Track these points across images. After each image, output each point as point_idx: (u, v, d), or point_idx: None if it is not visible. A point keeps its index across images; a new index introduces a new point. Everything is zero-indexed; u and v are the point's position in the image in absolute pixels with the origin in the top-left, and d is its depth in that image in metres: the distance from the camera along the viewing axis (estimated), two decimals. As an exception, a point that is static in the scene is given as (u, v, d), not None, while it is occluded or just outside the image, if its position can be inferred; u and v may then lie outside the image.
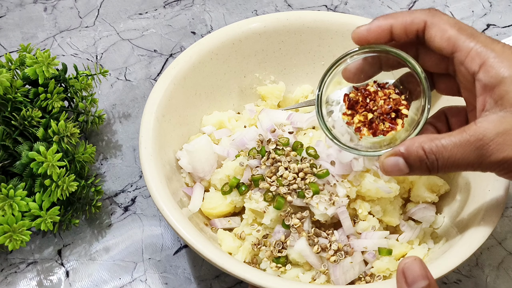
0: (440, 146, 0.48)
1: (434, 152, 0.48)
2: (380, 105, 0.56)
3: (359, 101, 0.57)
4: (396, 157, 0.50)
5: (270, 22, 0.73)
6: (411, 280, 0.48)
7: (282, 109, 0.74)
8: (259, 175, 0.62)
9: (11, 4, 0.95)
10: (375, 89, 0.57)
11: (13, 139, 0.67)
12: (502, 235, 0.71)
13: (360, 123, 0.56)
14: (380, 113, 0.56)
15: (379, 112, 0.56)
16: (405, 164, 0.50)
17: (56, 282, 0.67)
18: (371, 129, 0.56)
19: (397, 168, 0.50)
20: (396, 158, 0.50)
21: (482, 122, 0.48)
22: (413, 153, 0.49)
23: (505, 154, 0.47)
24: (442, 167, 0.49)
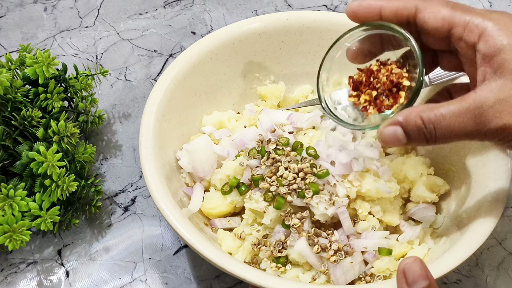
0: (439, 115, 0.48)
1: (433, 121, 0.48)
2: (383, 81, 0.55)
3: (363, 81, 0.57)
4: (394, 127, 0.49)
5: (270, 22, 0.73)
6: (412, 280, 0.48)
7: (282, 109, 0.74)
8: (259, 175, 0.62)
9: (11, 4, 0.95)
10: (378, 67, 0.57)
11: (13, 139, 0.67)
12: (502, 235, 0.71)
13: (366, 102, 0.56)
14: (383, 90, 0.55)
15: (382, 89, 0.55)
16: (403, 133, 0.49)
17: (56, 282, 0.67)
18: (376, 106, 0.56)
19: (395, 138, 0.50)
20: (395, 128, 0.49)
21: (482, 90, 0.47)
22: (411, 122, 0.48)
23: (505, 121, 0.46)
24: (440, 137, 0.48)
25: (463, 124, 0.47)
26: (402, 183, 0.66)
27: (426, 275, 0.48)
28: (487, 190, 0.60)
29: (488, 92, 0.47)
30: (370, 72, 0.57)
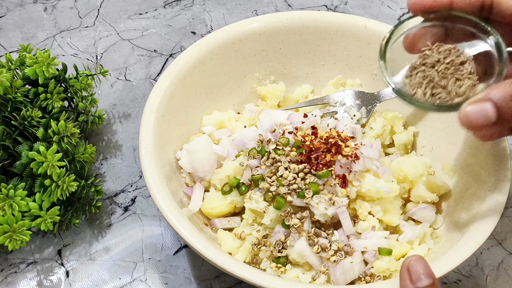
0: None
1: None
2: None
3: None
4: (482, 103, 0.43)
5: (270, 22, 0.73)
6: (416, 278, 0.48)
7: (282, 109, 0.74)
8: (259, 175, 0.62)
9: (11, 4, 0.95)
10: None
11: (13, 139, 0.67)
12: (502, 235, 0.71)
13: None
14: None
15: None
16: (493, 109, 0.43)
17: (56, 282, 0.67)
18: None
19: (483, 116, 0.43)
20: (483, 104, 0.43)
21: None
22: (503, 93, 0.42)
23: None
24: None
25: None
26: (402, 183, 0.66)
27: (430, 274, 0.48)
28: (487, 190, 0.60)
29: None
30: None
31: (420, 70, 0.52)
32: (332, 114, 0.73)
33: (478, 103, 0.44)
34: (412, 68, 0.52)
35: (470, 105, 0.44)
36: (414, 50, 0.52)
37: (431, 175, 0.67)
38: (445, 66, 0.51)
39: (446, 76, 0.51)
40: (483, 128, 0.44)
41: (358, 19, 0.73)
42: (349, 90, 0.73)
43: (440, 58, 0.51)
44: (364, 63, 0.74)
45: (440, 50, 0.52)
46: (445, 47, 0.52)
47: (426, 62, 0.52)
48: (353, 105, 0.73)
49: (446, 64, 0.51)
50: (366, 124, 0.73)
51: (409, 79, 0.52)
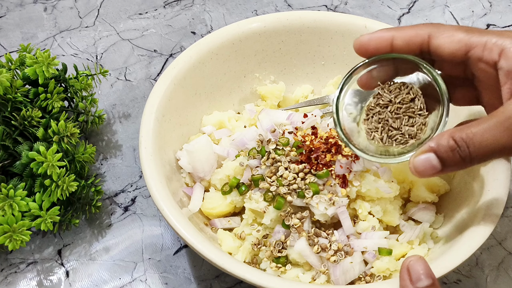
0: (470, 133, 0.46)
1: (465, 140, 0.47)
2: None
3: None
4: (427, 154, 0.48)
5: (270, 22, 0.73)
6: (416, 278, 0.48)
7: (282, 109, 0.74)
8: (259, 175, 0.62)
9: (11, 4, 0.95)
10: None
11: (13, 139, 0.67)
12: (502, 235, 0.71)
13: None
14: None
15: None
16: (437, 159, 0.48)
17: (56, 282, 0.67)
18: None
19: (429, 165, 0.48)
20: (427, 155, 0.48)
21: (510, 104, 0.46)
22: (443, 144, 0.47)
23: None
24: (475, 155, 0.47)
25: (496, 138, 0.46)
26: (402, 183, 0.66)
27: (430, 274, 0.48)
28: (487, 190, 0.60)
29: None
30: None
31: (376, 112, 0.56)
32: (332, 114, 0.73)
33: (423, 154, 0.49)
34: (368, 109, 0.57)
35: (417, 157, 0.49)
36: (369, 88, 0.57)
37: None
38: (397, 106, 0.55)
39: (399, 116, 0.55)
40: (432, 175, 0.49)
41: (358, 19, 0.73)
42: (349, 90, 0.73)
43: (391, 97, 0.55)
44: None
45: (390, 88, 0.56)
46: (395, 85, 0.56)
47: (380, 103, 0.56)
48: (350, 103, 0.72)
49: (398, 103, 0.55)
50: (366, 124, 0.73)
51: (366, 123, 0.57)
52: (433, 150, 0.48)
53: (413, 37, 0.51)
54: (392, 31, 0.53)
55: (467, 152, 0.47)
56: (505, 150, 0.47)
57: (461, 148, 0.47)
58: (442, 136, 0.48)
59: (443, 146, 0.48)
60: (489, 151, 0.47)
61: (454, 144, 0.47)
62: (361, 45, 0.54)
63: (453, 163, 0.48)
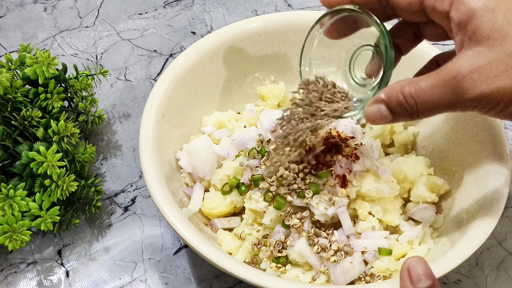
0: (419, 89, 0.47)
1: (413, 95, 0.47)
2: None
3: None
4: (378, 105, 0.49)
5: (270, 22, 0.73)
6: (416, 279, 0.48)
7: (282, 109, 0.74)
8: (259, 175, 0.62)
9: (11, 4, 0.95)
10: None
11: (13, 139, 0.67)
12: (502, 235, 0.71)
13: None
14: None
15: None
16: (387, 110, 0.49)
17: (56, 282, 0.67)
18: None
19: (380, 116, 0.49)
20: (378, 106, 0.49)
21: (458, 59, 0.47)
22: (393, 97, 0.48)
23: (481, 90, 0.46)
24: (422, 111, 0.48)
25: (442, 96, 0.47)
26: (402, 183, 0.66)
27: (430, 275, 0.48)
28: (487, 190, 0.60)
29: (464, 61, 0.46)
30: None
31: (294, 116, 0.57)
32: None
33: (375, 104, 0.50)
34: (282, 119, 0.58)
35: (369, 106, 0.50)
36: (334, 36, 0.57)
37: (431, 175, 0.67)
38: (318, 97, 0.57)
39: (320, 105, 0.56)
40: (384, 123, 0.51)
41: (358, 19, 0.73)
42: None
43: (310, 98, 0.56)
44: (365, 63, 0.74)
45: (310, 89, 0.57)
46: (312, 87, 0.57)
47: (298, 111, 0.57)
48: None
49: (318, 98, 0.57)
50: (366, 124, 0.73)
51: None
52: (383, 102, 0.49)
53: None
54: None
55: (415, 108, 0.48)
56: (450, 107, 0.47)
57: (409, 104, 0.48)
58: (393, 89, 0.48)
59: (393, 99, 0.48)
60: (435, 107, 0.48)
61: (403, 98, 0.48)
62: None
63: (402, 115, 0.49)
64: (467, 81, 0.46)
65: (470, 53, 0.46)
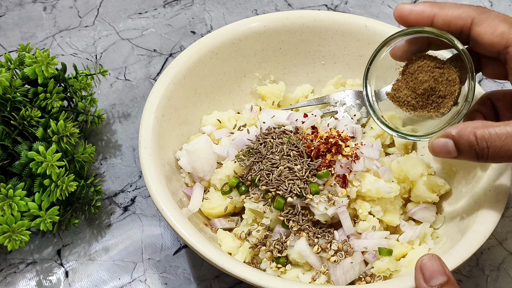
0: (494, 134, 0.47)
1: (486, 140, 0.47)
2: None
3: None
4: (446, 139, 0.49)
5: (270, 22, 0.73)
6: (429, 276, 0.48)
7: (282, 109, 0.74)
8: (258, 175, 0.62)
9: (11, 4, 0.95)
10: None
11: (12, 139, 0.67)
12: (503, 235, 0.71)
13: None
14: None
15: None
16: (454, 147, 0.49)
17: (55, 282, 0.67)
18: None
19: (446, 150, 0.50)
20: (446, 140, 0.49)
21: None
22: (464, 137, 0.48)
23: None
24: (492, 156, 0.48)
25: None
26: (403, 183, 0.66)
27: (444, 271, 0.48)
28: (487, 190, 0.60)
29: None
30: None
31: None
32: (332, 114, 0.73)
33: (443, 139, 0.50)
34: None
35: (437, 139, 0.51)
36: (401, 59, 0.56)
37: (432, 175, 0.67)
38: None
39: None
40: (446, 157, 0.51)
41: (359, 19, 0.73)
42: (349, 90, 0.73)
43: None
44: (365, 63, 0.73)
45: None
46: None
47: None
48: (353, 105, 0.73)
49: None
50: (367, 124, 0.73)
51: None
52: (453, 138, 0.49)
53: (455, 19, 0.51)
54: (435, 8, 0.52)
55: (486, 152, 0.48)
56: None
57: (480, 146, 0.48)
58: (466, 127, 0.48)
59: (463, 139, 0.48)
60: (507, 156, 0.48)
61: (474, 140, 0.48)
62: (401, 16, 0.53)
63: (469, 156, 0.49)
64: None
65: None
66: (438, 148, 0.50)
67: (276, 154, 0.63)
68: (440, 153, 0.50)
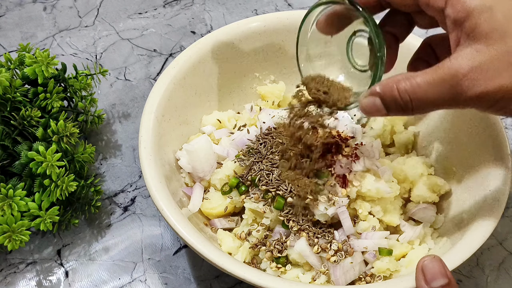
0: (415, 85, 0.47)
1: (408, 92, 0.47)
2: None
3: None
4: (373, 97, 0.49)
5: (270, 22, 0.73)
6: (430, 278, 0.48)
7: (282, 108, 0.74)
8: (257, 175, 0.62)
9: (11, 4, 0.95)
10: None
11: (12, 139, 0.67)
12: (503, 235, 0.71)
13: None
14: None
15: None
16: (381, 104, 0.49)
17: (55, 282, 0.67)
18: None
19: (375, 109, 0.49)
20: (373, 98, 0.49)
21: (456, 57, 0.46)
22: (387, 92, 0.48)
23: (481, 89, 0.45)
24: (416, 107, 0.48)
25: (439, 94, 0.46)
26: (403, 183, 0.66)
27: (445, 273, 0.48)
28: (487, 190, 0.60)
29: (462, 59, 0.46)
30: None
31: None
32: None
33: (370, 97, 0.49)
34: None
35: (364, 97, 0.50)
36: (328, 32, 0.57)
37: (432, 175, 0.67)
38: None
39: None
40: (379, 115, 0.51)
41: (358, 19, 0.73)
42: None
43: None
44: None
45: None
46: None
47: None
48: None
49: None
50: (366, 124, 0.72)
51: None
52: (379, 95, 0.49)
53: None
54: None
55: (410, 104, 0.48)
56: (447, 105, 0.48)
57: (403, 100, 0.47)
58: (388, 83, 0.48)
59: (387, 94, 0.48)
60: (430, 105, 0.47)
61: (397, 94, 0.48)
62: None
63: (396, 110, 0.49)
64: (467, 80, 0.45)
65: (469, 51, 0.46)
66: (368, 107, 0.50)
67: (276, 154, 0.63)
68: (370, 112, 0.50)
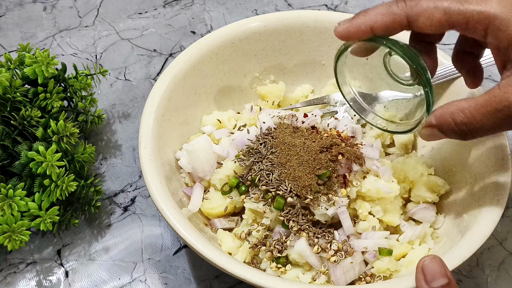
0: (470, 117, 0.49)
1: (466, 124, 0.50)
2: None
3: None
4: (431, 129, 0.53)
5: (270, 22, 0.73)
6: (431, 278, 0.48)
7: (282, 109, 0.74)
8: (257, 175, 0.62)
9: (11, 4, 0.95)
10: None
11: (12, 139, 0.67)
12: (503, 235, 0.71)
13: None
14: None
15: None
16: (440, 133, 0.52)
17: (55, 282, 0.67)
18: None
19: (435, 137, 0.53)
20: (432, 130, 0.53)
21: (505, 86, 0.48)
22: (445, 125, 0.51)
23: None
24: (475, 135, 0.51)
25: (496, 123, 0.49)
26: (403, 183, 0.66)
27: (446, 273, 0.48)
28: (487, 190, 0.60)
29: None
30: None
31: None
32: (332, 114, 0.73)
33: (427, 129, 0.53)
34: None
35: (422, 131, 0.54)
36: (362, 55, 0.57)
37: (432, 175, 0.67)
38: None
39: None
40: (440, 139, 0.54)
41: (358, 19, 0.73)
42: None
43: None
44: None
45: None
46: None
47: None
48: None
49: None
50: (367, 124, 0.72)
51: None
52: (436, 127, 0.52)
53: (390, 25, 0.51)
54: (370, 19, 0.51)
55: (469, 134, 0.51)
56: (503, 130, 0.51)
57: (462, 131, 0.51)
58: (443, 115, 0.51)
59: (445, 126, 0.51)
60: (488, 132, 0.51)
61: (455, 127, 0.51)
62: (342, 36, 0.53)
63: (456, 137, 0.52)
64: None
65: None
66: (428, 137, 0.54)
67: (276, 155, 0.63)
68: (431, 140, 0.54)
